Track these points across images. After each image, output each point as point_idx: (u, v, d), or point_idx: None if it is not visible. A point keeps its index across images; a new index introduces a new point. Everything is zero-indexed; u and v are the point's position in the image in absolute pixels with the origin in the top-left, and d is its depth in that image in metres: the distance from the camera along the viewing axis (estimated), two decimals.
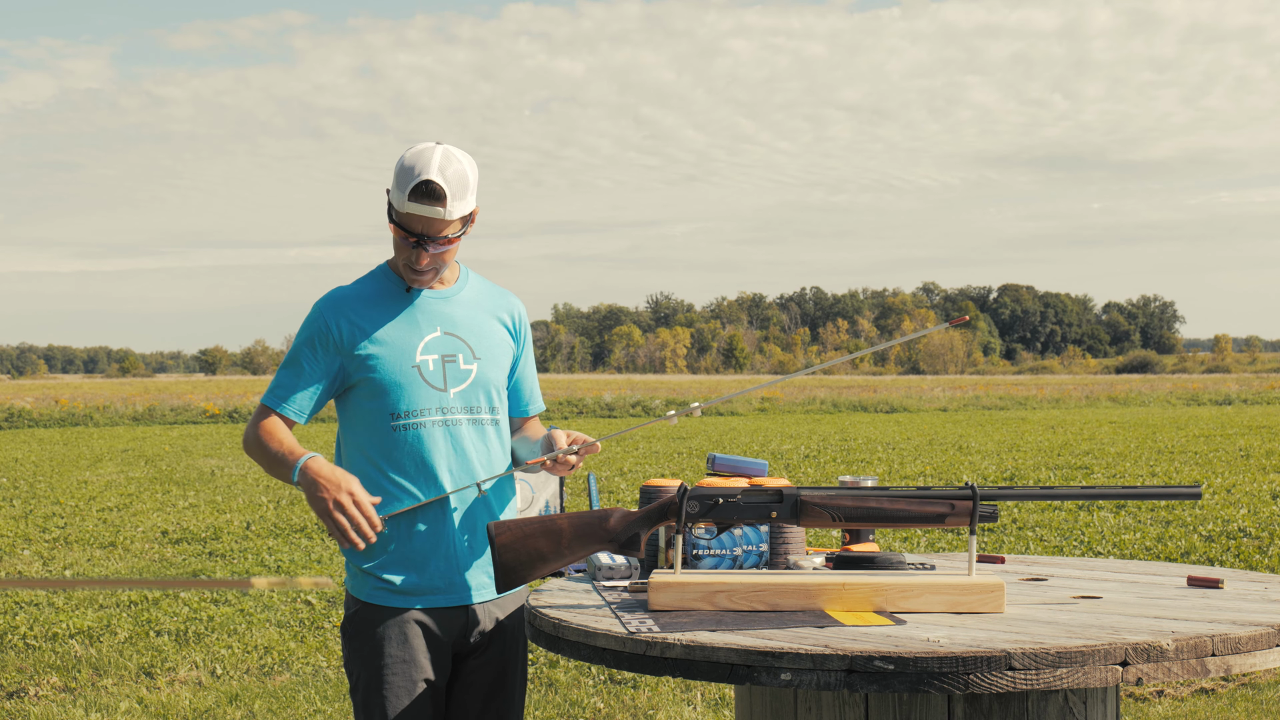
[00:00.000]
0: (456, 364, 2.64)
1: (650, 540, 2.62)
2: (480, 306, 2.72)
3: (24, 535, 10.59)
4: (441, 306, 2.67)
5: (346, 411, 2.67)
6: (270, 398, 2.64)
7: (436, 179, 2.50)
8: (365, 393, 2.61)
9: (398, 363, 2.60)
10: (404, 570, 2.58)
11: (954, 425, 25.15)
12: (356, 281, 2.70)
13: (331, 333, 2.61)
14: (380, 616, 2.58)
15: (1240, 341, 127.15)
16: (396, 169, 2.55)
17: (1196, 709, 5.24)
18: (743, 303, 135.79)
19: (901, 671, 1.89)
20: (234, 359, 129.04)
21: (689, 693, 5.53)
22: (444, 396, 2.61)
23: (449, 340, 2.65)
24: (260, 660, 6.22)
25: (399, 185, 2.53)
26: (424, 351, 2.62)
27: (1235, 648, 1.99)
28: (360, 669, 2.59)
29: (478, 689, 2.66)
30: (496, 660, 2.68)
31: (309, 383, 2.62)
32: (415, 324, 2.64)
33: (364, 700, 2.58)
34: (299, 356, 2.63)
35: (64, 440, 23.45)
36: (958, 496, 2.30)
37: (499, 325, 2.74)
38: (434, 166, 2.51)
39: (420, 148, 2.55)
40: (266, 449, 2.59)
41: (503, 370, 2.72)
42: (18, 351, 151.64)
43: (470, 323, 2.69)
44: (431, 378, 2.61)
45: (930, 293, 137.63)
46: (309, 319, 2.64)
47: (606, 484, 13.38)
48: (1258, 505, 11.15)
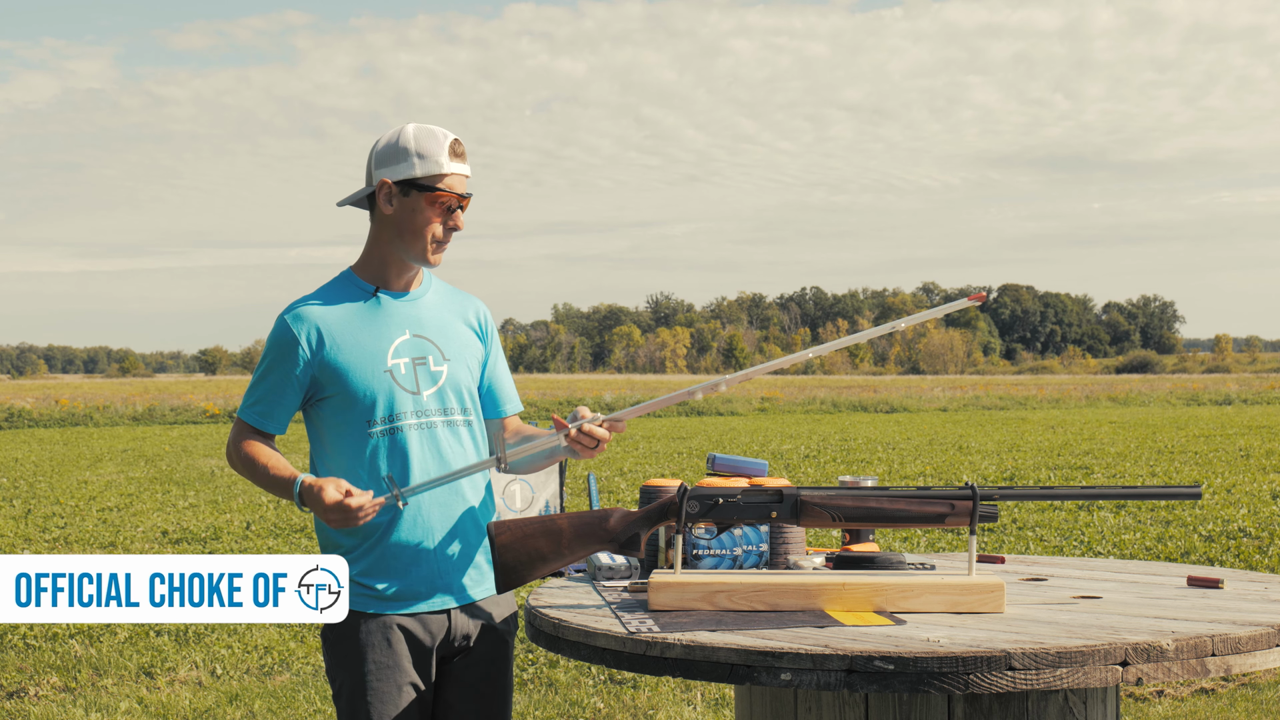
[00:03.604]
0: (427, 365, 2.62)
1: (650, 540, 2.62)
2: (445, 308, 2.71)
3: (24, 535, 10.59)
4: (408, 309, 2.65)
5: (319, 422, 2.63)
6: (248, 414, 2.62)
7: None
8: (339, 402, 2.58)
9: (370, 369, 2.58)
10: (385, 577, 2.56)
11: (954, 425, 25.15)
12: (319, 290, 2.66)
13: (300, 344, 2.58)
14: (363, 623, 2.56)
15: (1240, 341, 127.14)
16: (404, 144, 2.56)
17: (1196, 709, 5.24)
18: (743, 303, 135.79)
19: (901, 671, 1.89)
20: (234, 359, 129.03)
21: (689, 693, 5.53)
22: (418, 399, 2.59)
23: (418, 342, 2.63)
24: (260, 660, 6.22)
25: (430, 152, 2.54)
26: (395, 355, 2.60)
27: (1235, 648, 1.99)
28: (344, 676, 2.58)
29: (465, 690, 2.65)
30: (483, 661, 2.66)
31: (284, 395, 2.60)
32: (383, 328, 2.62)
33: (348, 706, 2.56)
34: (271, 370, 2.60)
35: (64, 440, 23.45)
36: (958, 496, 2.30)
37: (465, 327, 2.72)
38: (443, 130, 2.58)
39: (406, 126, 2.59)
40: (256, 469, 2.59)
41: (472, 372, 2.70)
42: (18, 351, 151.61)
43: (437, 324, 2.67)
44: (404, 381, 2.59)
45: (930, 293, 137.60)
46: (276, 333, 2.61)
47: (606, 484, 13.38)
48: (1258, 505, 11.15)
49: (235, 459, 2.64)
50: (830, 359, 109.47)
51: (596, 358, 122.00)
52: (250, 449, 2.61)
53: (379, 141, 2.61)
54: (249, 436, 2.63)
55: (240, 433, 2.64)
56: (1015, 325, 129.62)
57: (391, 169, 2.56)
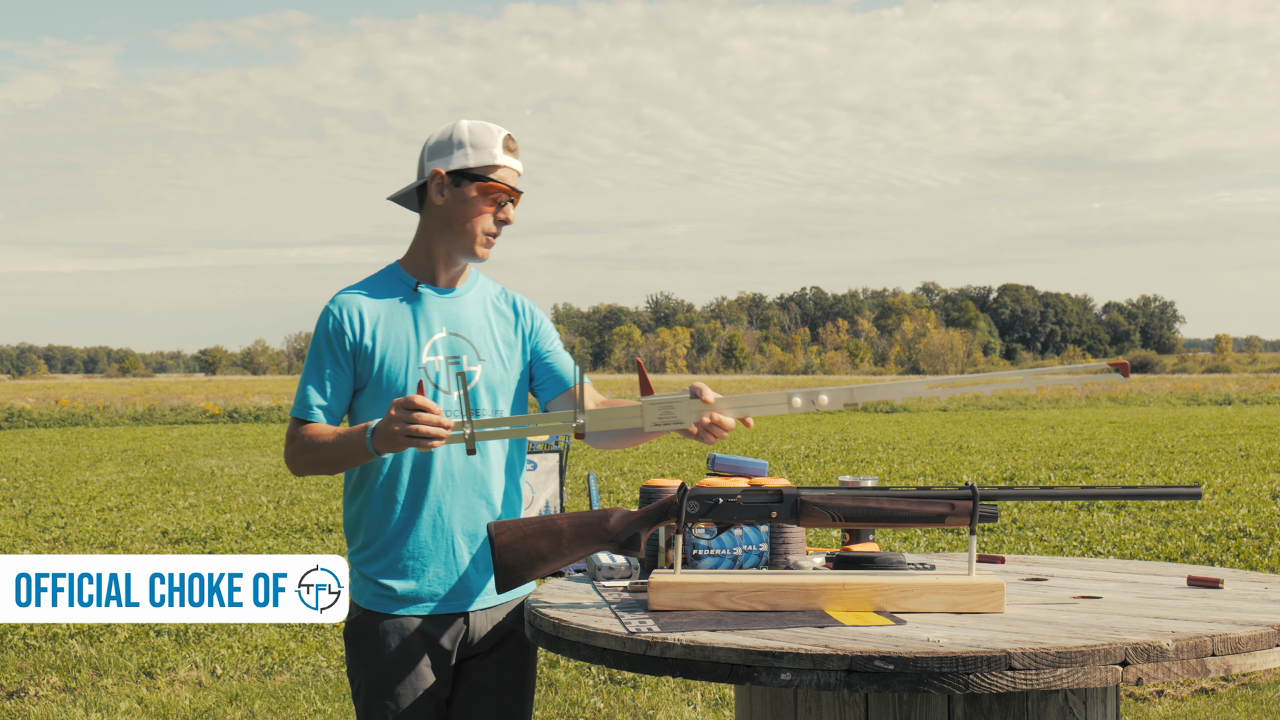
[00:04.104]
0: (460, 365, 2.60)
1: (650, 540, 2.62)
2: (486, 306, 2.69)
3: (24, 535, 10.58)
4: (449, 306, 2.64)
5: (349, 415, 2.62)
6: (301, 409, 2.56)
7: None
8: (370, 395, 2.57)
9: (404, 364, 2.56)
10: (403, 577, 2.55)
11: (954, 425, 25.15)
12: (364, 281, 2.65)
13: (346, 333, 2.56)
14: (380, 623, 2.55)
15: (1240, 341, 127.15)
16: (458, 136, 2.56)
17: (1196, 709, 5.24)
18: (742, 303, 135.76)
19: (901, 671, 1.89)
20: (234, 359, 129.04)
21: (689, 693, 5.53)
22: (448, 399, 2.57)
23: (454, 341, 2.61)
24: (260, 660, 6.22)
25: (483, 143, 2.55)
26: (430, 353, 2.59)
27: (1235, 648, 1.99)
28: (362, 675, 2.57)
29: (484, 694, 2.64)
30: (502, 665, 2.65)
31: (337, 386, 2.56)
32: (421, 324, 2.60)
33: (365, 707, 2.56)
34: (321, 361, 2.57)
35: (64, 440, 23.44)
36: (958, 496, 2.30)
37: (505, 325, 2.70)
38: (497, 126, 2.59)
39: (460, 120, 2.59)
40: (325, 446, 2.50)
41: (509, 370, 2.67)
42: (18, 351, 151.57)
43: (476, 323, 2.65)
44: (437, 380, 2.58)
45: (930, 293, 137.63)
46: (322, 322, 2.59)
47: (606, 484, 13.38)
48: (1258, 505, 11.15)
49: (295, 455, 2.56)
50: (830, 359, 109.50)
51: (597, 357, 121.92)
52: (311, 433, 2.53)
53: (431, 136, 2.61)
54: (305, 427, 2.55)
55: (296, 428, 2.57)
56: (1015, 325, 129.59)
57: (444, 159, 2.56)
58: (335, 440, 2.49)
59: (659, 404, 2.41)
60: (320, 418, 2.55)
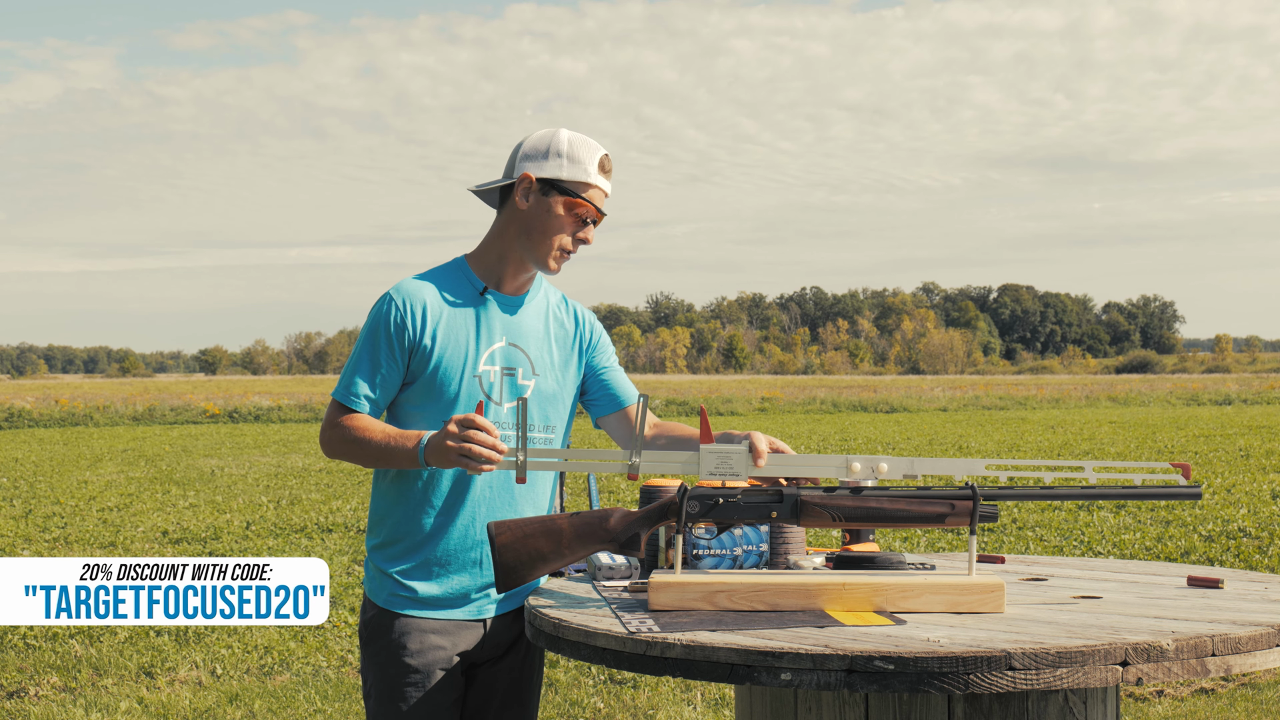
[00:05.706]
0: (515, 378, 2.56)
1: (650, 540, 2.61)
2: (548, 318, 2.65)
3: (24, 535, 10.59)
4: (511, 316, 2.59)
5: (394, 408, 2.55)
6: (346, 396, 2.51)
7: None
8: (420, 392, 2.51)
9: (460, 368, 2.51)
10: (427, 579, 2.53)
11: (954, 425, 25.14)
12: (429, 272, 2.58)
13: (406, 325, 2.49)
14: (396, 624, 2.53)
15: (1240, 341, 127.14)
16: (557, 145, 2.51)
17: (1196, 709, 5.24)
18: (743, 303, 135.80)
19: (901, 671, 1.89)
20: (234, 359, 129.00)
21: (689, 693, 5.53)
22: (498, 410, 2.53)
23: (512, 352, 2.56)
24: (260, 660, 6.22)
25: (581, 159, 2.50)
26: (488, 362, 2.53)
27: (1235, 648, 1.99)
28: (373, 675, 2.56)
29: (493, 697, 2.63)
30: (513, 670, 2.64)
31: (387, 380, 2.51)
32: (483, 331, 2.54)
33: (376, 707, 2.55)
34: (375, 349, 2.50)
35: (64, 440, 23.44)
36: (958, 496, 2.30)
37: (565, 337, 2.66)
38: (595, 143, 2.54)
39: (560, 129, 2.54)
40: (372, 445, 2.45)
41: (563, 384, 2.63)
42: (18, 351, 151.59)
43: (536, 335, 2.61)
44: (490, 390, 2.53)
45: (930, 293, 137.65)
46: (381, 309, 2.51)
47: (606, 484, 13.38)
48: (1258, 505, 11.15)
49: (334, 441, 2.51)
50: (830, 359, 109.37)
51: None
52: (356, 425, 2.48)
53: (529, 136, 2.56)
54: (349, 416, 2.50)
55: (338, 415, 2.51)
56: (1015, 325, 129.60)
57: (538, 164, 2.51)
58: (385, 444, 2.44)
59: (717, 454, 2.37)
60: (365, 408, 2.51)
